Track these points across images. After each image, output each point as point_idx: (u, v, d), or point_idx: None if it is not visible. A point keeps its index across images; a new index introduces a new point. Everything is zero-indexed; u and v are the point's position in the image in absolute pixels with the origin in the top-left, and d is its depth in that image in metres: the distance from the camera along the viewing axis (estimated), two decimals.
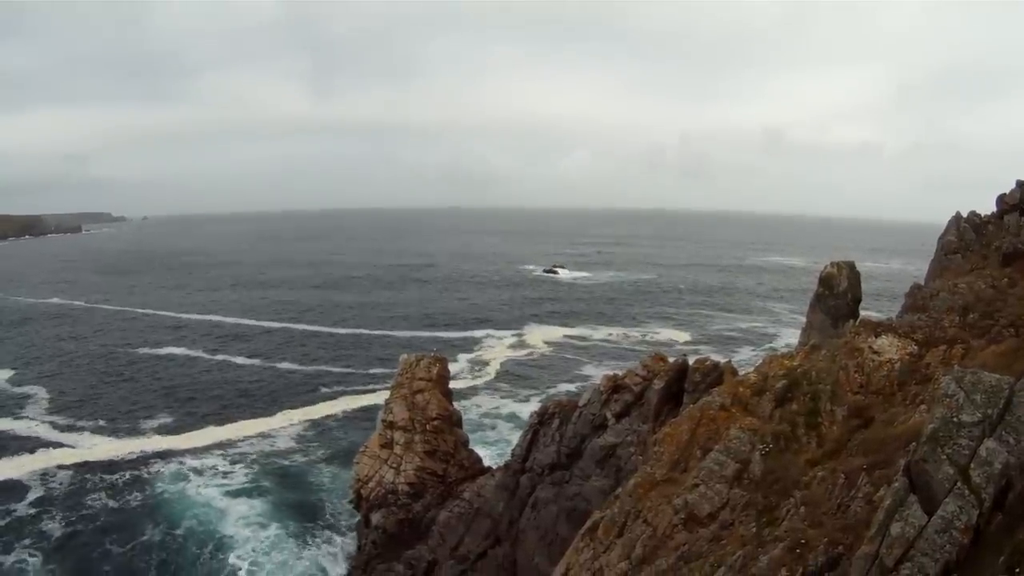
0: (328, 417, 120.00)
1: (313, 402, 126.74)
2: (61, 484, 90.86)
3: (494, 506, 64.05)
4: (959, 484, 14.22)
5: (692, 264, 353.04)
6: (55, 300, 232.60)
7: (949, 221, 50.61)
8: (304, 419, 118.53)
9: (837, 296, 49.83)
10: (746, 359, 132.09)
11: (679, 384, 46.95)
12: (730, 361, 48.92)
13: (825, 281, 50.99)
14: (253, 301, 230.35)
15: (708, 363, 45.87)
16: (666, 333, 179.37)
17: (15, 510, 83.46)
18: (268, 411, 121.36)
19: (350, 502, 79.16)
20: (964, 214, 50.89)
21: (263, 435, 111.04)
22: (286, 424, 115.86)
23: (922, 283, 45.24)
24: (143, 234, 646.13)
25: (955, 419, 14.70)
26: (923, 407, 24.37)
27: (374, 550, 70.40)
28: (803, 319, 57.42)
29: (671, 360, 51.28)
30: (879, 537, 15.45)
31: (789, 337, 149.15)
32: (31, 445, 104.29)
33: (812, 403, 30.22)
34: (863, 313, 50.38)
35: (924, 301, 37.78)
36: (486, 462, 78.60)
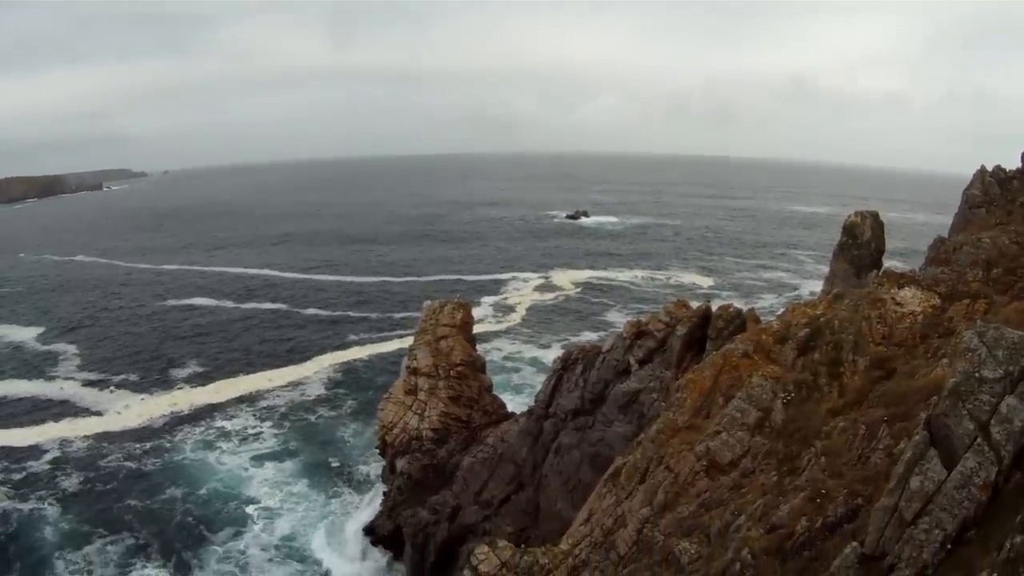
0: (355, 362, 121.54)
1: (340, 348, 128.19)
2: (82, 450, 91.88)
3: (517, 451, 64.61)
4: (979, 440, 14.17)
5: (716, 211, 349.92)
6: (80, 258, 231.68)
7: (974, 175, 49.92)
8: (332, 364, 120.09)
9: (860, 246, 49.43)
10: (768, 307, 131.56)
11: (702, 331, 46.87)
12: (752, 309, 48.75)
13: (849, 230, 50.56)
14: (277, 251, 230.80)
15: (731, 310, 45.70)
16: (689, 278, 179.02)
17: (37, 472, 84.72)
18: (296, 359, 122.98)
19: (375, 448, 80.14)
20: (989, 168, 50.17)
21: (292, 383, 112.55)
22: (314, 371, 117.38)
23: (946, 236, 44.75)
24: (164, 188, 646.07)
25: (977, 374, 14.61)
26: (945, 361, 24.19)
27: (399, 496, 71.26)
28: (826, 268, 57.09)
29: (694, 306, 51.18)
30: (898, 490, 15.49)
31: (812, 286, 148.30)
32: (58, 406, 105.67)
33: (835, 353, 30.09)
34: (886, 264, 49.96)
35: (948, 254, 37.44)
36: (510, 407, 79.09)
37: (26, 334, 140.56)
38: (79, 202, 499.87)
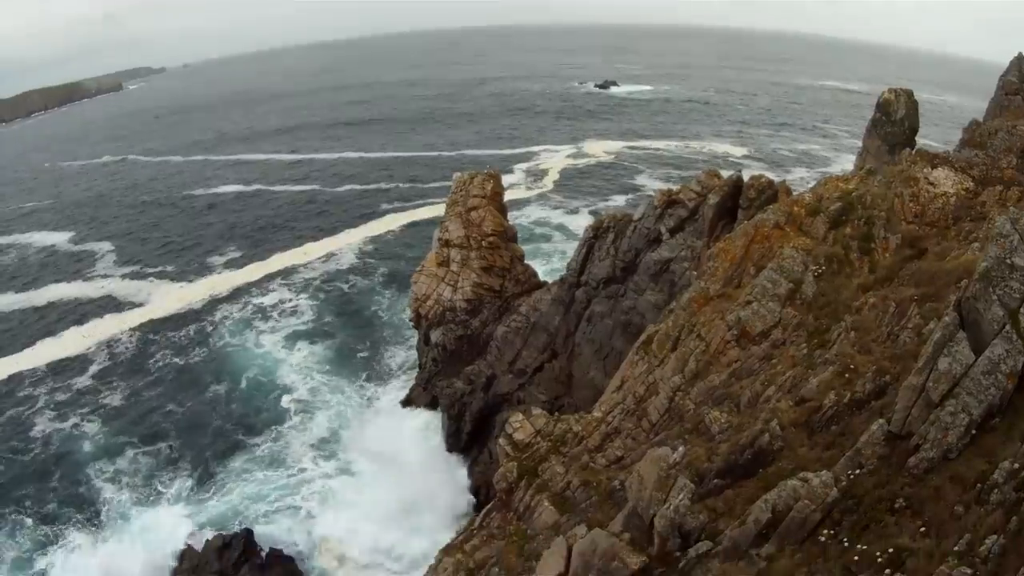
0: (387, 234, 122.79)
1: (372, 220, 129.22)
2: (128, 348, 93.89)
3: (550, 320, 65.23)
4: (1008, 328, 14.12)
5: (748, 82, 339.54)
6: (105, 158, 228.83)
7: (1011, 62, 47.99)
8: (364, 237, 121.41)
9: (894, 123, 48.07)
10: (800, 179, 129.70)
11: (734, 200, 46.39)
12: (784, 181, 48.12)
13: (882, 107, 49.12)
14: (302, 135, 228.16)
15: (763, 180, 45.00)
16: (722, 148, 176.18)
17: (81, 388, 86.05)
18: (329, 232, 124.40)
19: (409, 320, 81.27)
20: None
21: (326, 256, 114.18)
22: (347, 243, 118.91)
23: (980, 121, 43.44)
24: (184, 82, 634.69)
25: (1008, 261, 14.45)
26: (976, 245, 23.87)
27: (434, 367, 72.63)
28: (858, 144, 55.82)
29: (725, 176, 50.58)
30: (926, 370, 15.55)
31: (844, 162, 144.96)
32: (101, 303, 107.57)
33: (866, 228, 29.76)
34: (919, 143, 48.83)
35: (982, 138, 36.34)
36: (541, 275, 79.38)
37: (58, 238, 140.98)
38: (99, 105, 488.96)
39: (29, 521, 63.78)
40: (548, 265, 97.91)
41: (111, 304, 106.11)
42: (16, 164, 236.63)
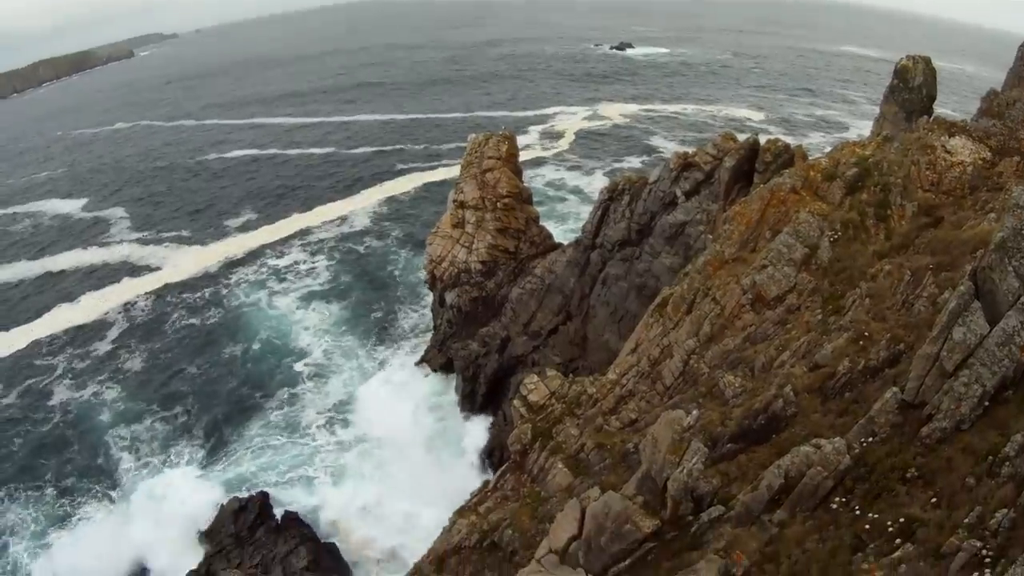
0: (401, 195, 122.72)
1: (386, 181, 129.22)
2: (145, 311, 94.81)
3: (565, 282, 65.28)
4: (1023, 300, 14.13)
5: (766, 47, 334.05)
6: (119, 125, 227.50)
7: None
8: (379, 198, 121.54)
9: (911, 90, 47.45)
10: (817, 144, 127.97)
11: (750, 163, 46.12)
12: (801, 145, 47.72)
13: (900, 73, 48.48)
14: (319, 97, 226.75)
15: (780, 144, 44.66)
16: (739, 112, 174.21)
17: (100, 354, 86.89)
18: (344, 195, 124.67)
19: (424, 282, 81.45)
20: None
21: (340, 218, 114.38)
22: (362, 205, 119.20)
23: (999, 90, 42.80)
24: (196, 48, 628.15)
25: None
26: (993, 215, 23.61)
27: (449, 329, 72.89)
28: (876, 110, 55.23)
29: (741, 139, 50.23)
30: (941, 339, 15.47)
31: (861, 128, 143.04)
32: (118, 268, 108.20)
33: (882, 195, 29.52)
34: (936, 111, 48.27)
35: (1000, 108, 35.75)
36: (556, 237, 79.31)
37: (72, 205, 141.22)
38: (111, 73, 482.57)
39: (49, 493, 64.84)
40: (563, 226, 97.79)
41: (127, 269, 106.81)
42: (28, 134, 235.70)
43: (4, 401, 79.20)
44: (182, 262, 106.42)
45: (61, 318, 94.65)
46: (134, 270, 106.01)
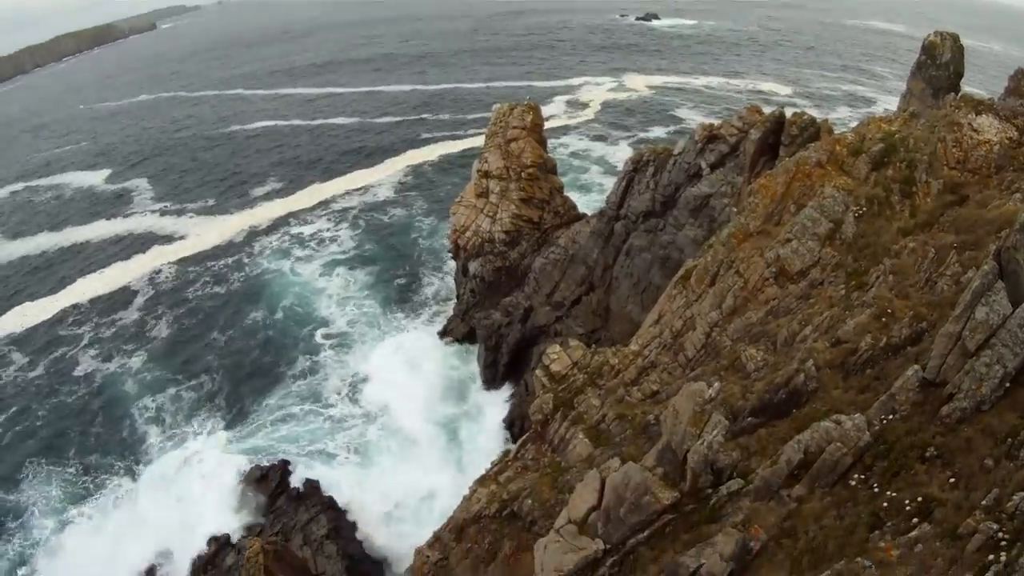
0: (425, 164, 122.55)
1: (411, 150, 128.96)
2: (170, 280, 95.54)
3: (588, 253, 65.21)
4: None
5: (794, 20, 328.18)
6: (142, 97, 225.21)
7: None
8: (403, 167, 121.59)
9: (939, 67, 47.02)
10: (843, 119, 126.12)
11: (776, 136, 45.73)
12: (827, 119, 47.23)
13: (928, 49, 48.03)
14: (342, 68, 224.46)
15: (806, 117, 44.18)
16: (766, 85, 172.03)
17: (126, 323, 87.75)
18: (368, 163, 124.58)
19: (447, 252, 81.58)
20: None
21: (364, 187, 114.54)
22: (386, 174, 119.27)
23: None
24: (218, 20, 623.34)
25: None
26: (1018, 196, 23.46)
27: (472, 298, 73.04)
28: (903, 86, 54.59)
29: (767, 112, 49.80)
30: (963, 318, 15.46)
31: (888, 103, 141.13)
32: (142, 238, 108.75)
33: (908, 171, 29.27)
34: (963, 89, 47.60)
35: None
36: (580, 207, 79.14)
37: (95, 178, 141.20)
38: (133, 45, 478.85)
39: (71, 470, 65.69)
40: (587, 197, 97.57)
41: (151, 239, 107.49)
42: (51, 108, 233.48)
43: (31, 373, 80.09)
44: (206, 232, 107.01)
45: (86, 288, 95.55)
46: (158, 240, 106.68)
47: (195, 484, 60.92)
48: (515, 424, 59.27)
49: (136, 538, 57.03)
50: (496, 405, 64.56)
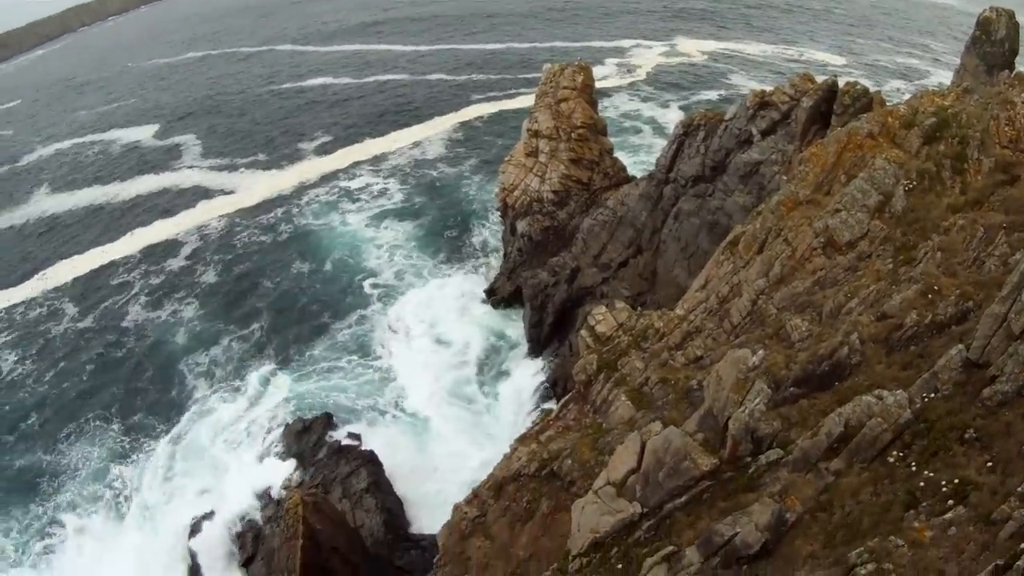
0: (475, 121, 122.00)
1: (461, 108, 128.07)
2: (218, 232, 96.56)
3: (637, 215, 65.04)
4: None
5: None
6: (190, 55, 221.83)
7: None
8: (453, 125, 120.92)
9: (993, 43, 45.90)
10: (896, 90, 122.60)
11: (827, 105, 45.12)
12: (880, 91, 46.39)
13: (983, 25, 46.89)
14: (393, 27, 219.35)
15: (859, 87, 43.48)
16: (820, 55, 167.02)
17: (174, 270, 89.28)
18: (419, 120, 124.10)
19: (495, 210, 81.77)
20: None
21: (415, 143, 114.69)
22: (436, 131, 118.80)
23: None
24: None
25: None
26: None
27: (519, 257, 73.27)
28: (957, 61, 53.35)
29: (819, 80, 49.14)
30: (1010, 300, 15.43)
31: (941, 78, 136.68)
32: (191, 193, 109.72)
33: (960, 147, 28.85)
34: (1020, 67, 46.45)
35: None
36: (629, 169, 78.78)
37: (142, 134, 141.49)
38: (181, 4, 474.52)
39: (115, 426, 66.86)
40: (635, 157, 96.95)
41: (200, 193, 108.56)
42: (98, 66, 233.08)
43: (80, 324, 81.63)
44: (255, 186, 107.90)
45: (135, 241, 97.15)
46: (207, 194, 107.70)
47: (239, 436, 62.40)
48: (558, 384, 59.58)
49: (180, 492, 58.55)
50: (538, 369, 64.87)
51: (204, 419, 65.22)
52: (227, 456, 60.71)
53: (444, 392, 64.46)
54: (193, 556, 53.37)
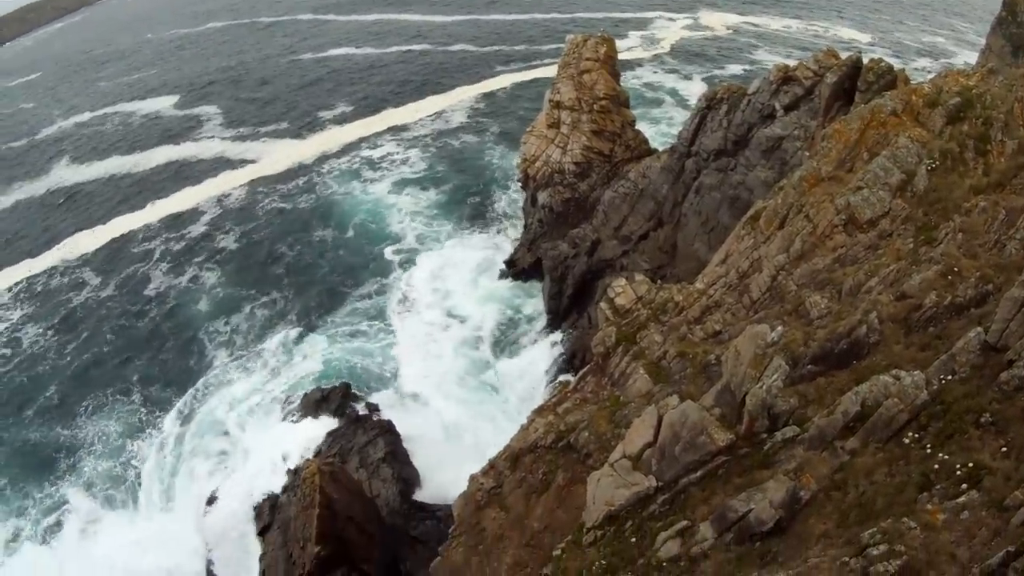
0: (498, 92, 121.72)
1: (483, 79, 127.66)
2: (239, 200, 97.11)
3: (658, 188, 64.79)
4: None
5: None
6: (211, 25, 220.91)
7: None
8: (475, 95, 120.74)
9: (1019, 24, 45.29)
10: (920, 68, 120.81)
11: (851, 81, 44.64)
12: (904, 69, 45.83)
13: (1009, 6, 46.25)
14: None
15: (883, 64, 42.94)
16: (846, 32, 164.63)
17: (196, 237, 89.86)
18: (440, 90, 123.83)
19: (517, 181, 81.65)
20: None
21: (436, 113, 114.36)
22: (458, 100, 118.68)
23: None
24: None
25: None
26: None
27: (540, 228, 73.27)
28: (983, 41, 52.55)
29: (844, 56, 48.62)
30: None
31: (966, 57, 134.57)
32: (212, 162, 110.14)
33: (983, 128, 28.60)
34: None
35: None
36: (651, 142, 78.43)
37: (163, 103, 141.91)
38: None
39: (135, 399, 67.25)
40: (656, 129, 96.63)
41: (222, 163, 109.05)
42: (118, 37, 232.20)
43: (102, 294, 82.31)
44: (276, 155, 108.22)
45: (157, 210, 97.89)
46: (228, 164, 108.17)
47: (257, 406, 62.93)
48: (576, 356, 59.67)
49: (197, 463, 59.17)
50: (557, 340, 65.00)
51: (223, 389, 65.80)
52: (245, 426, 61.32)
53: (462, 364, 64.71)
54: (209, 526, 54.01)
